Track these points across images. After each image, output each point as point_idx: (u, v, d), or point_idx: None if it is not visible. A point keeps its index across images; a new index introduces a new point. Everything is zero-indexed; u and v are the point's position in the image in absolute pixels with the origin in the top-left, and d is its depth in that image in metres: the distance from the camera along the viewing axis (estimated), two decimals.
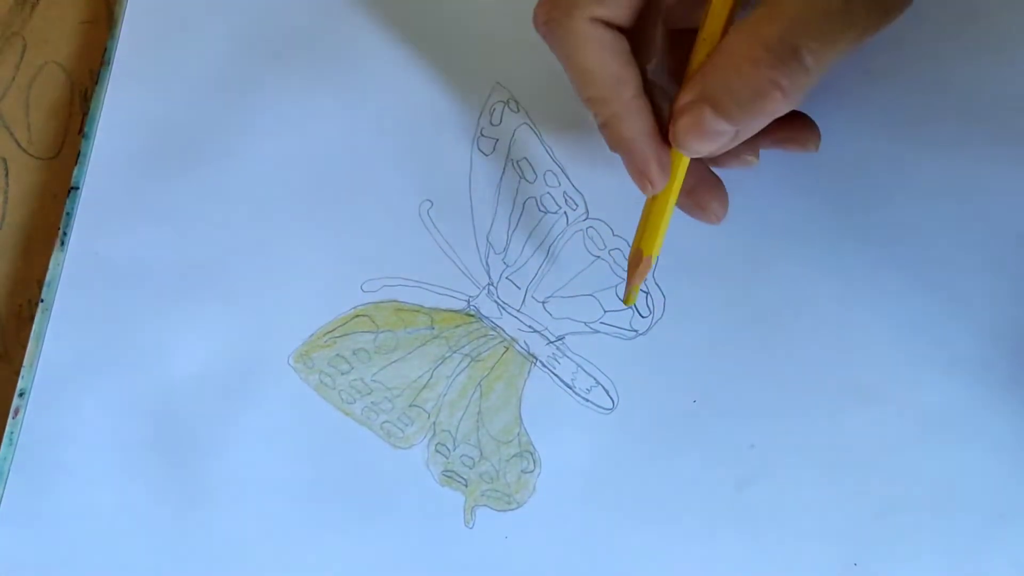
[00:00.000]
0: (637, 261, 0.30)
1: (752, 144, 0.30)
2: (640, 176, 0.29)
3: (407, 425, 0.33)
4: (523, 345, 0.33)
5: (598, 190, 0.34)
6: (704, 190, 0.31)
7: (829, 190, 0.34)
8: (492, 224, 0.34)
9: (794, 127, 0.31)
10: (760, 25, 0.25)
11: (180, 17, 0.36)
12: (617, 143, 0.29)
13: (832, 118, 0.34)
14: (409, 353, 0.33)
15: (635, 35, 0.28)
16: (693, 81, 0.27)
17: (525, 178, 0.34)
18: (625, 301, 0.32)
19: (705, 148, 0.27)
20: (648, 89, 0.29)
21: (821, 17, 0.25)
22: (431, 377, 0.33)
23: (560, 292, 0.33)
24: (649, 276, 0.33)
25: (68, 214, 0.34)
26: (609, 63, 0.28)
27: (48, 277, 0.34)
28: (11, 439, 0.32)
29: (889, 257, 0.33)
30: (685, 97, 0.27)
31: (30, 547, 0.32)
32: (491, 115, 0.35)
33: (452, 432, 0.33)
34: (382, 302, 0.34)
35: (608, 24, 0.28)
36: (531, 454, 0.32)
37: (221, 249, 0.34)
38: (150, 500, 0.32)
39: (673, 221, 0.33)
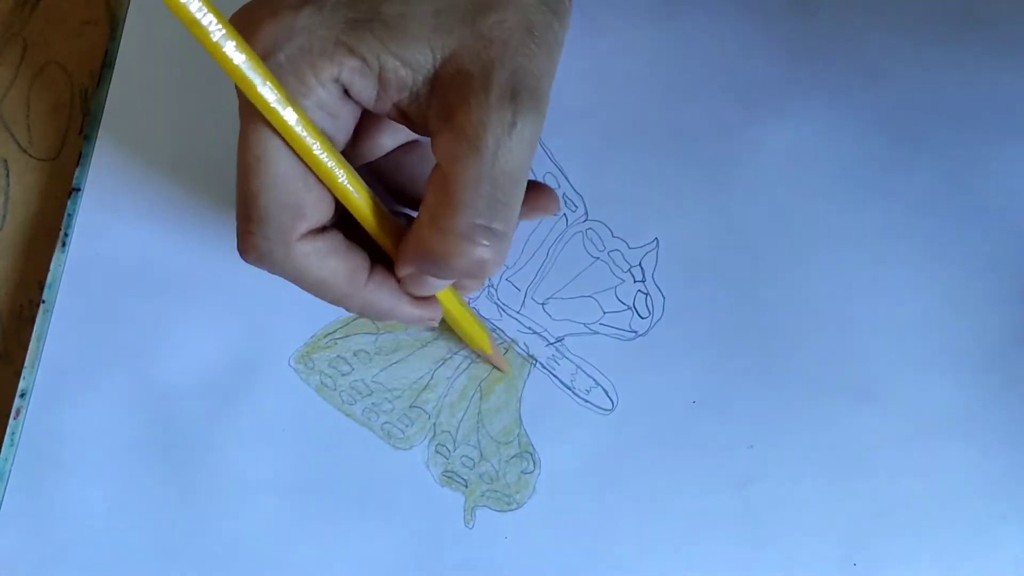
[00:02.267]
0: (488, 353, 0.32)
1: (531, 207, 0.30)
2: (421, 323, 0.29)
3: (407, 426, 0.33)
4: (523, 346, 0.33)
5: (598, 191, 0.34)
6: None
7: (829, 190, 0.34)
8: None
9: (532, 198, 0.30)
10: (446, 216, 0.25)
11: None
12: (380, 317, 0.29)
13: (832, 118, 0.34)
14: (410, 354, 0.33)
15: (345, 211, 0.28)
16: (404, 258, 0.27)
17: None
18: (500, 369, 0.33)
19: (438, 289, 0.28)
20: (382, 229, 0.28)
21: (493, 191, 0.25)
22: (431, 378, 0.33)
23: (560, 293, 0.33)
24: (649, 277, 0.33)
25: (69, 215, 0.34)
26: (338, 264, 0.27)
27: (49, 278, 0.34)
28: (12, 439, 0.32)
29: (889, 256, 0.33)
30: (403, 270, 0.27)
31: (31, 547, 0.32)
32: None
33: (452, 433, 0.33)
34: None
35: (318, 229, 0.27)
36: (531, 455, 0.32)
37: (222, 250, 0.34)
38: (151, 500, 0.32)
39: (672, 220, 0.33)
